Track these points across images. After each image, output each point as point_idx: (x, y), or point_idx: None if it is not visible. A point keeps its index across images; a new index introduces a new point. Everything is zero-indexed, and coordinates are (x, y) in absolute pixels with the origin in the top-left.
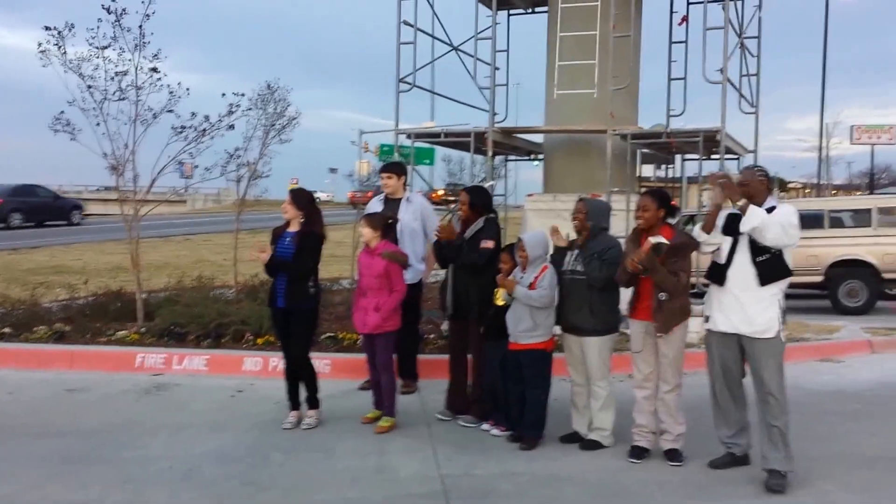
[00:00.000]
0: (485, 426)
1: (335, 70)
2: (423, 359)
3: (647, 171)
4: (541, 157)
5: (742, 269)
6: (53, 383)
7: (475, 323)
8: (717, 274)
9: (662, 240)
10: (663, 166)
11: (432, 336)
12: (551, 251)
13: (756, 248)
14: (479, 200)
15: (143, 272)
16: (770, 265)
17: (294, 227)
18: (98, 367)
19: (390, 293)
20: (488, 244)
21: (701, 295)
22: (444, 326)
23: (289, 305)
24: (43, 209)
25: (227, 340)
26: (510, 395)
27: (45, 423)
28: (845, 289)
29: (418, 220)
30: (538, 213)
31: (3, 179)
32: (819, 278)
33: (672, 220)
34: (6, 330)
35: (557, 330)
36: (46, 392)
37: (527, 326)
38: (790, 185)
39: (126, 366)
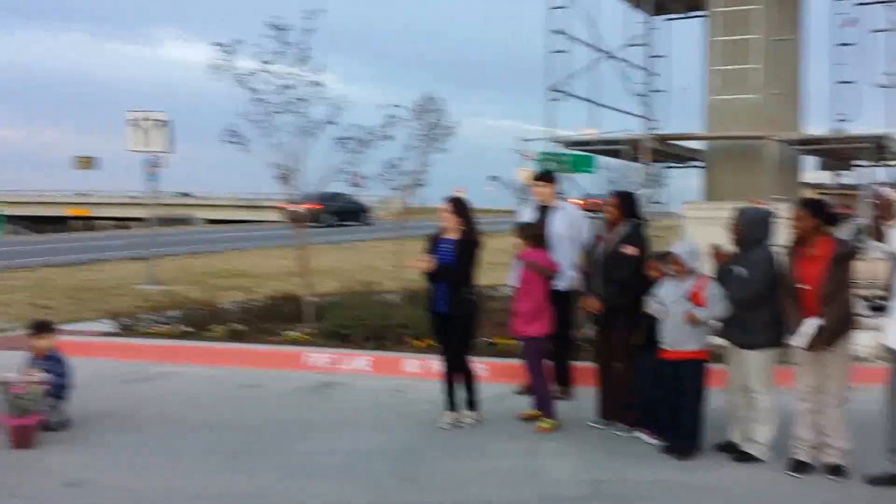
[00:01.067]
0: (637, 434)
1: (496, 78)
2: (578, 366)
3: (824, 177)
4: (700, 163)
5: None
6: (230, 379)
7: (621, 330)
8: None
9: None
10: (841, 172)
11: (585, 343)
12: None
13: None
14: (626, 204)
15: (312, 277)
16: None
17: (452, 235)
18: (270, 366)
19: (540, 299)
20: (629, 250)
21: (880, 308)
22: (585, 333)
23: (448, 311)
24: (344, 212)
25: (390, 343)
26: (664, 404)
27: (221, 416)
28: None
29: (570, 228)
30: (697, 222)
31: (177, 186)
32: None
33: (833, 229)
34: (188, 329)
35: (716, 339)
36: (222, 387)
37: (682, 336)
38: None
39: (295, 364)
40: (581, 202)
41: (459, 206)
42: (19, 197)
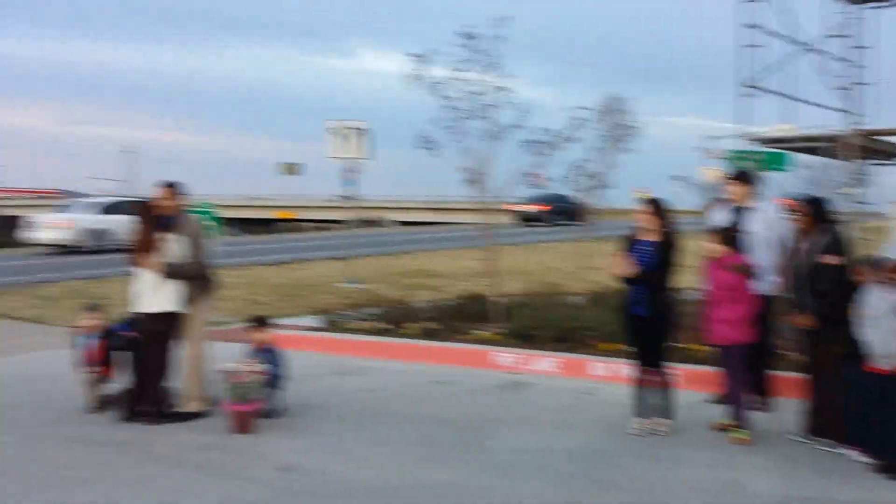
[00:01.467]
0: (844, 451)
1: (677, 75)
2: (777, 376)
3: None
4: None
5: None
6: (425, 375)
7: (827, 342)
8: None
9: None
10: None
11: (786, 352)
12: None
13: None
14: (817, 210)
15: (499, 277)
16: None
17: (651, 237)
18: (460, 363)
19: (738, 304)
20: (831, 259)
21: None
22: (787, 342)
23: (647, 314)
24: (567, 212)
25: (576, 344)
26: (873, 419)
27: (416, 410)
28: None
29: (769, 230)
30: None
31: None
32: None
33: None
34: (385, 326)
35: None
36: (417, 383)
37: (891, 348)
38: None
39: (484, 363)
40: (782, 201)
41: (658, 207)
42: (233, 200)
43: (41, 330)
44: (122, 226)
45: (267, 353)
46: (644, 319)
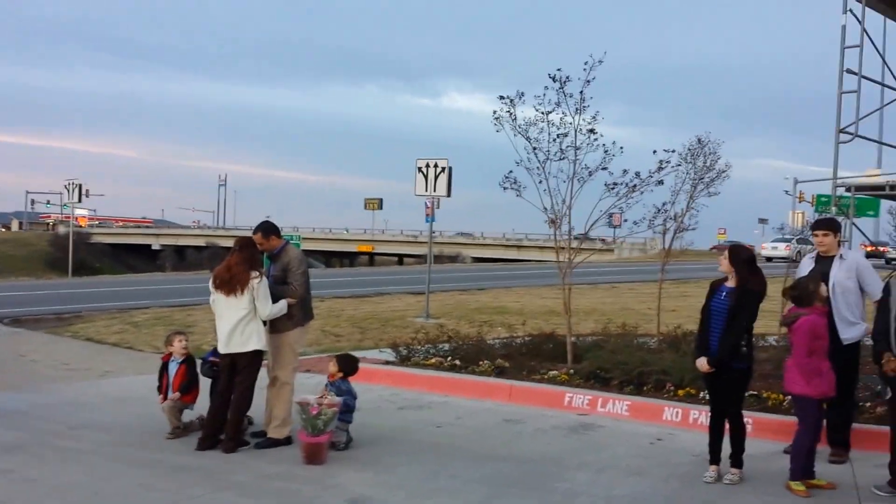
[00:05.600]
0: None
1: (765, 118)
2: (858, 428)
3: None
4: None
5: None
6: (494, 413)
7: None
8: None
9: None
10: None
11: (868, 404)
12: None
13: None
14: None
15: (572, 317)
16: None
17: (731, 283)
18: (531, 402)
19: (817, 355)
20: None
21: None
22: (875, 393)
23: (720, 355)
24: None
25: (649, 388)
26: None
27: (486, 447)
28: None
29: (852, 279)
30: None
31: (454, 226)
32: None
33: None
34: (457, 362)
35: None
36: (488, 420)
37: None
38: None
39: (555, 403)
40: (868, 247)
41: (736, 255)
42: (319, 234)
43: (129, 355)
44: None
45: (340, 386)
46: (722, 365)
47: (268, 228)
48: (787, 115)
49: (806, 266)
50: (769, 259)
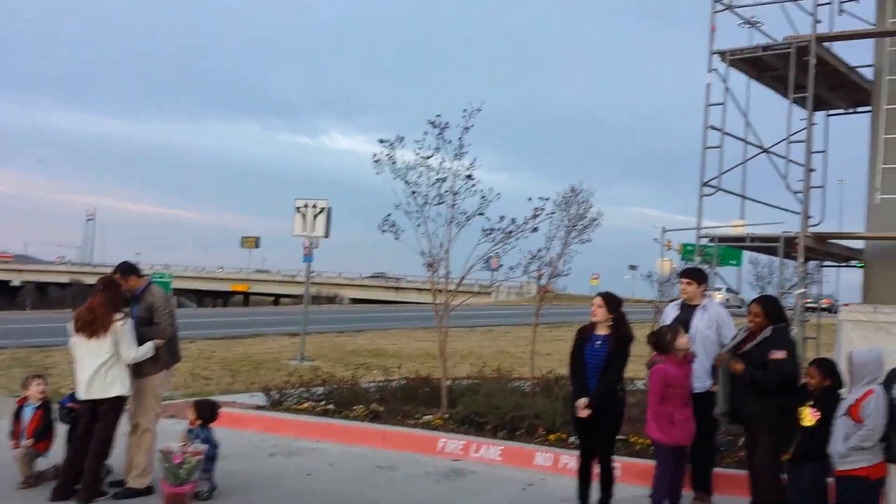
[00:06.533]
0: None
1: (640, 166)
2: (720, 473)
3: None
4: (859, 263)
5: None
6: (367, 458)
7: (768, 441)
8: None
9: None
10: None
11: (722, 449)
12: (886, 371)
13: None
14: (770, 309)
15: (449, 360)
16: None
17: (603, 331)
18: (405, 448)
19: (677, 402)
20: (778, 354)
21: None
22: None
23: (597, 403)
24: None
25: (521, 433)
26: None
27: (358, 495)
28: None
29: (712, 328)
30: (856, 325)
31: (327, 266)
32: None
33: None
34: (331, 406)
35: None
36: (361, 466)
37: (844, 450)
38: None
39: (429, 448)
40: (734, 298)
41: (612, 301)
42: (191, 272)
43: None
44: None
45: (199, 434)
46: (592, 411)
47: (126, 269)
48: (660, 165)
49: (670, 313)
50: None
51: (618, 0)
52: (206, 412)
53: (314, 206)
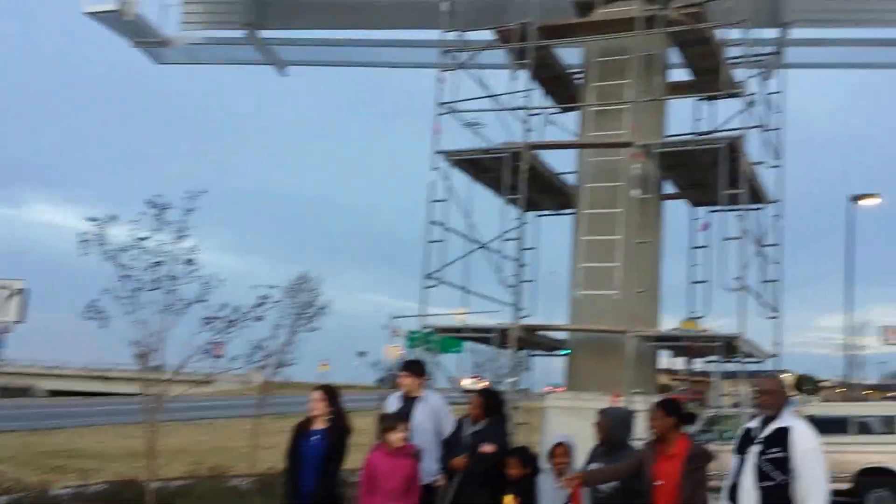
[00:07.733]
0: None
1: (371, 254)
2: None
3: (678, 363)
4: (564, 352)
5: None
6: None
7: None
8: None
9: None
10: (694, 360)
11: None
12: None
13: (762, 474)
14: (489, 401)
15: (159, 458)
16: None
17: (321, 425)
18: None
19: (372, 495)
20: (486, 448)
21: None
22: None
23: (315, 499)
24: None
25: None
26: None
27: None
28: (874, 497)
29: (431, 421)
30: (559, 411)
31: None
32: (848, 485)
33: (688, 429)
34: None
35: None
36: None
37: None
38: (821, 384)
39: None
40: (454, 388)
41: (330, 394)
42: None
43: None
44: None
45: None
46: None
47: None
48: (391, 253)
49: (393, 403)
50: (466, 391)
51: (350, 94)
52: None
53: (8, 287)
